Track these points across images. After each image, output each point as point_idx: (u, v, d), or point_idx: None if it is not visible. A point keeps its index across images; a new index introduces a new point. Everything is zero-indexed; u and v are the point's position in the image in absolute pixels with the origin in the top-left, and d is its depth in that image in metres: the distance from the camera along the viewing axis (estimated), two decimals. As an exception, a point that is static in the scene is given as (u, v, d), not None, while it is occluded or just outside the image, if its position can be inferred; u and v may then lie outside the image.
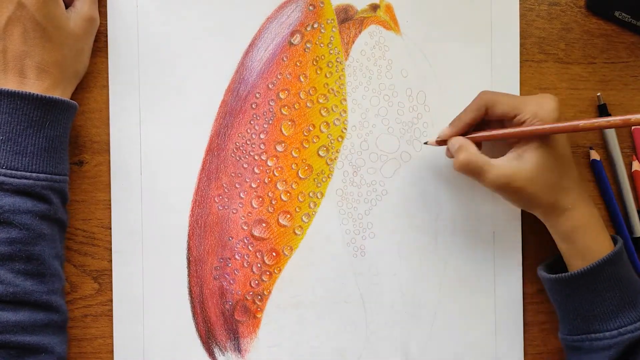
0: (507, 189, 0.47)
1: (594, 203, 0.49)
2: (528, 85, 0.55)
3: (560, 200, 0.47)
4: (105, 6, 0.51)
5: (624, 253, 0.47)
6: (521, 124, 0.47)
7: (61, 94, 0.48)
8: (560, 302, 0.49)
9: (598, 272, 0.46)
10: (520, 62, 0.54)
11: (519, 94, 0.54)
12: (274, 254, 0.52)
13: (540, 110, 0.46)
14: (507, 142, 0.49)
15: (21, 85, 0.46)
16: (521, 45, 0.54)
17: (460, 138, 0.49)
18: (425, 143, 0.52)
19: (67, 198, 0.48)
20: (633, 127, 0.55)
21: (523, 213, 0.54)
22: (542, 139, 0.46)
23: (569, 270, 0.48)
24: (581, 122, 0.45)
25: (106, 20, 0.51)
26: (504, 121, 0.49)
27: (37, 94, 0.45)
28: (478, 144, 0.49)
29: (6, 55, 0.46)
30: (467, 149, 0.47)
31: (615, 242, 0.48)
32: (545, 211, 0.48)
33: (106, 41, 0.51)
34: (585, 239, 0.47)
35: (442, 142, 0.51)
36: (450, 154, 0.50)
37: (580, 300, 0.47)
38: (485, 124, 0.50)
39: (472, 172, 0.47)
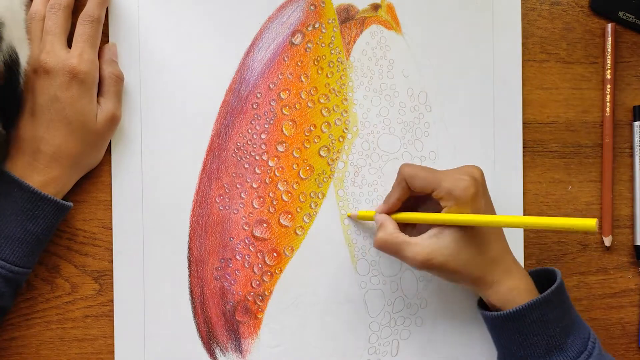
0: (429, 267, 0.46)
1: (523, 271, 0.48)
2: (530, 85, 0.54)
3: (485, 276, 0.46)
4: (107, 6, 0.51)
5: (558, 294, 0.46)
6: (439, 198, 0.46)
7: (64, 185, 0.48)
8: (493, 338, 0.50)
9: (522, 316, 0.45)
10: (522, 61, 0.54)
11: (520, 94, 0.54)
12: (275, 254, 0.52)
13: (455, 189, 0.45)
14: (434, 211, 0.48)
15: (28, 167, 0.46)
16: (523, 44, 0.54)
17: (383, 215, 0.49)
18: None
19: (20, 287, 0.48)
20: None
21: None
22: (459, 212, 0.45)
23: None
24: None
25: (107, 21, 0.51)
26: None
27: (34, 189, 0.45)
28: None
29: (26, 134, 0.46)
30: (385, 228, 0.48)
31: (543, 272, 0.48)
32: (472, 285, 0.47)
33: (107, 41, 0.51)
34: (510, 306, 0.46)
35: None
36: None
37: (509, 340, 0.47)
38: (421, 198, 0.50)
39: (390, 250, 0.47)
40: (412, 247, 0.46)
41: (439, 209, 0.46)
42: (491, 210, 0.48)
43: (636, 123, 0.55)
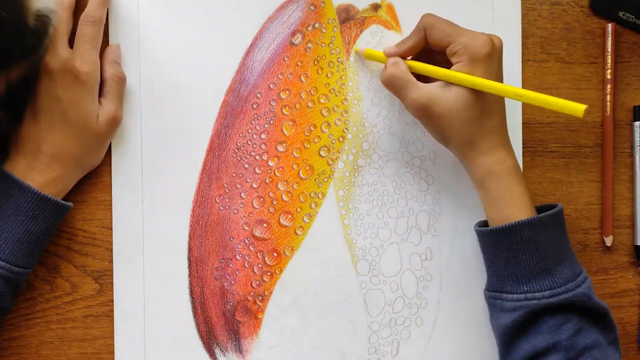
0: (425, 113, 0.46)
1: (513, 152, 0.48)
2: (530, 85, 0.54)
3: (476, 141, 0.46)
4: (107, 7, 0.51)
5: (557, 220, 0.46)
6: (453, 54, 0.46)
7: (64, 185, 0.48)
8: (484, 256, 0.49)
9: (512, 232, 0.45)
10: (522, 61, 0.54)
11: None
12: (275, 254, 0.52)
13: (472, 44, 0.45)
14: (448, 65, 0.48)
15: (29, 168, 0.46)
16: (523, 44, 0.54)
17: (397, 57, 0.49)
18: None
19: (20, 288, 0.48)
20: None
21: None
22: (471, 73, 0.45)
23: (488, 223, 0.48)
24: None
25: (108, 21, 0.51)
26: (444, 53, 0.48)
27: (36, 190, 0.45)
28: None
29: (27, 135, 0.46)
30: (397, 65, 0.48)
31: (550, 208, 0.47)
32: (460, 149, 0.47)
33: (107, 41, 0.51)
34: (498, 187, 0.46)
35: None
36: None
37: (496, 257, 0.47)
38: (434, 59, 0.49)
39: (396, 87, 0.47)
40: (418, 89, 0.46)
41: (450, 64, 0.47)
42: (500, 80, 0.47)
43: (636, 123, 0.55)
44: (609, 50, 0.54)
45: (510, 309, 0.46)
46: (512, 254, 0.45)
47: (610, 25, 0.54)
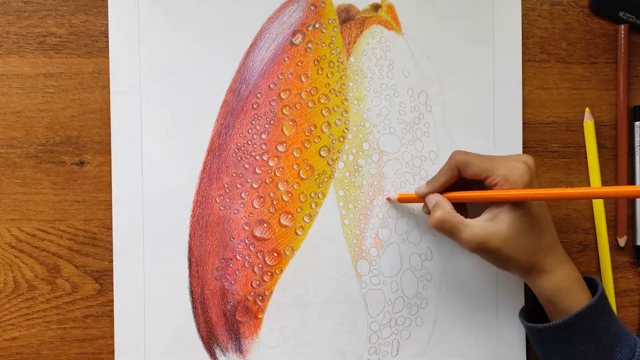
0: (483, 250, 0.46)
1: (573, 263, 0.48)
2: (530, 85, 0.54)
3: (539, 263, 0.46)
4: (107, 6, 0.51)
5: (603, 303, 0.46)
6: (493, 185, 0.46)
7: None
8: (538, 351, 0.50)
9: (571, 325, 0.45)
10: (522, 61, 0.54)
11: (520, 94, 0.54)
12: (275, 254, 0.52)
13: (511, 175, 0.45)
14: (483, 203, 0.48)
15: None
16: (523, 45, 0.54)
17: (437, 195, 0.48)
18: (388, 199, 0.53)
19: None
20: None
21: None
22: (515, 201, 0.45)
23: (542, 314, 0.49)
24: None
25: (107, 21, 0.51)
26: (481, 181, 0.48)
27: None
28: (457, 203, 0.49)
29: None
30: (443, 207, 0.47)
31: (594, 293, 0.47)
32: (524, 273, 0.47)
33: (107, 41, 0.51)
34: (567, 301, 0.46)
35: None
36: (427, 210, 0.50)
37: (556, 351, 0.47)
38: (467, 182, 0.49)
39: (447, 230, 0.47)
40: (469, 229, 0.46)
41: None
42: (545, 203, 0.48)
43: (637, 123, 0.55)
44: (623, 51, 0.54)
45: None
46: (571, 346, 0.46)
47: (622, 26, 0.54)
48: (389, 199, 0.53)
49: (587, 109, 0.54)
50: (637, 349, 0.46)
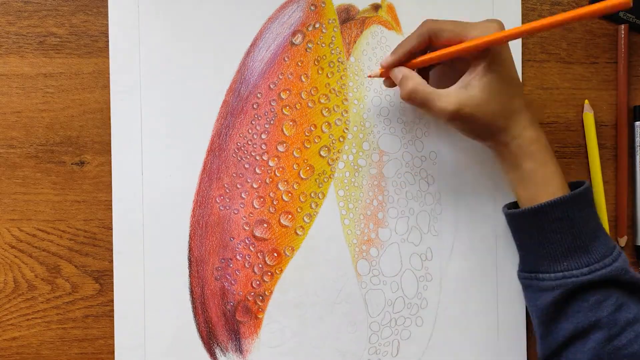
0: (457, 117, 0.45)
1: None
2: (530, 85, 0.54)
3: (509, 127, 0.46)
4: (107, 6, 0.51)
5: (587, 197, 0.46)
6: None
7: None
8: (515, 238, 0.49)
9: (545, 212, 0.45)
10: (522, 61, 0.54)
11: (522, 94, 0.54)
12: (275, 254, 0.52)
13: (486, 35, 0.44)
14: (454, 71, 0.48)
15: None
16: (523, 44, 0.54)
17: (403, 68, 0.47)
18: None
19: None
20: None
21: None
22: (488, 64, 0.45)
23: (518, 205, 0.48)
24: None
25: (107, 21, 0.51)
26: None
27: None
28: (424, 76, 0.48)
29: None
30: (412, 78, 0.46)
31: (578, 186, 0.47)
32: (495, 140, 0.47)
33: (107, 41, 0.51)
34: (533, 166, 0.46)
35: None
36: (389, 83, 0.50)
37: (530, 238, 0.47)
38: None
39: (420, 101, 0.46)
40: (443, 97, 0.45)
41: (457, 70, 0.47)
42: (513, 63, 0.47)
43: (637, 123, 0.55)
44: (623, 50, 0.54)
45: (548, 288, 0.46)
46: (547, 233, 0.45)
47: (622, 26, 0.54)
48: (370, 76, 0.51)
49: (586, 101, 0.54)
50: (616, 250, 0.46)
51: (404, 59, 0.48)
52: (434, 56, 0.47)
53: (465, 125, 0.46)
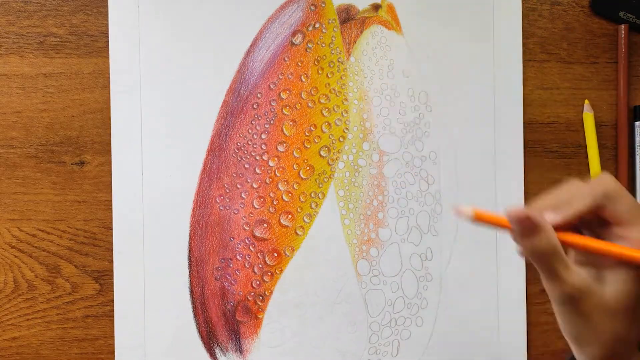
0: (571, 304, 0.34)
1: None
2: (530, 85, 0.54)
3: (625, 352, 0.35)
4: (107, 6, 0.51)
5: None
6: (628, 239, 0.34)
7: None
8: None
9: None
10: (523, 61, 0.54)
11: (521, 94, 0.54)
12: (275, 254, 0.52)
13: None
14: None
15: None
16: (523, 45, 0.54)
17: (544, 219, 0.34)
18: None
19: None
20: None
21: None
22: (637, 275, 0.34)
23: None
24: None
25: (107, 21, 0.51)
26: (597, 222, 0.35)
27: None
28: None
29: None
30: (549, 235, 0.34)
31: None
32: (594, 357, 0.35)
33: (107, 41, 0.51)
34: None
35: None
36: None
37: None
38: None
39: (546, 264, 0.34)
40: (571, 274, 0.34)
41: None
42: None
43: (637, 123, 0.55)
44: (623, 50, 0.54)
45: None
46: None
47: (622, 26, 0.54)
48: (459, 212, 0.36)
49: (586, 101, 0.54)
50: None
51: (565, 224, 0.35)
52: (578, 243, 0.35)
53: (571, 317, 0.35)
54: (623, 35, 0.54)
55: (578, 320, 0.35)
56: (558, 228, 0.34)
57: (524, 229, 0.34)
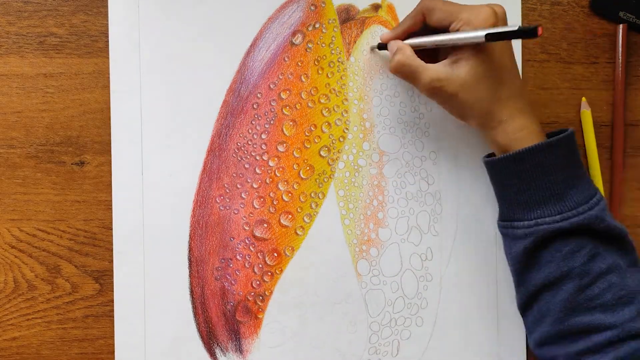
0: (440, 94, 0.46)
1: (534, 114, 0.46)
2: (530, 85, 0.54)
3: (495, 112, 0.45)
4: (107, 6, 0.51)
5: (567, 144, 0.45)
6: (456, 31, 0.45)
7: None
8: (494, 188, 0.48)
9: (522, 159, 0.44)
10: (523, 61, 0.54)
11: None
12: (275, 254, 0.52)
13: (474, 18, 0.44)
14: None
15: None
16: (523, 45, 0.54)
17: (399, 41, 0.49)
18: (372, 49, 0.53)
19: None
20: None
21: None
22: (476, 47, 0.45)
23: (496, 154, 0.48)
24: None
25: (107, 21, 0.51)
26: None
27: None
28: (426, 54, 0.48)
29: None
30: (403, 52, 0.47)
31: (560, 133, 0.46)
32: (479, 122, 0.46)
33: (107, 41, 0.51)
34: (518, 147, 0.45)
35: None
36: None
37: (507, 186, 0.46)
38: (433, 32, 0.48)
39: (407, 74, 0.47)
40: (428, 71, 0.46)
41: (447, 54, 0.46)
42: (510, 46, 0.47)
43: None
44: (620, 51, 0.54)
45: (521, 236, 0.45)
46: (523, 180, 0.45)
47: (621, 26, 0.54)
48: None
49: (583, 99, 0.54)
50: (595, 199, 0.44)
51: (401, 37, 0.49)
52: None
53: (448, 103, 0.47)
54: (621, 35, 0.54)
55: (451, 103, 0.46)
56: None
57: (389, 51, 0.49)
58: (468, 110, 0.46)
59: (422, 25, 0.48)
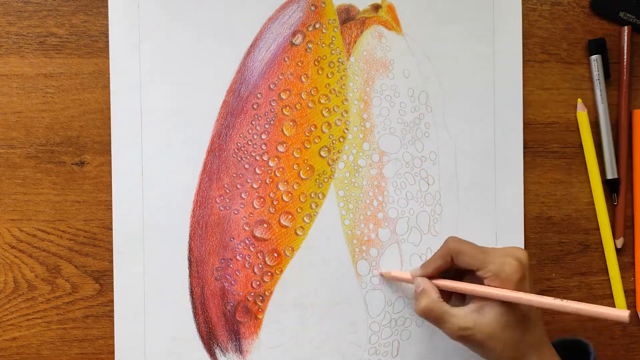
0: (467, 342, 0.45)
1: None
2: (530, 85, 0.54)
3: (522, 358, 0.45)
4: (107, 6, 0.51)
5: None
6: (484, 279, 0.45)
7: None
8: None
9: None
10: (523, 62, 0.54)
11: (521, 94, 0.54)
12: (275, 254, 0.52)
13: (502, 272, 0.44)
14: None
15: None
16: (523, 45, 0.54)
17: (425, 280, 0.48)
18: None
19: None
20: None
21: (525, 215, 0.54)
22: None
23: None
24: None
25: (107, 21, 0.51)
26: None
27: None
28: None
29: None
30: (428, 295, 0.47)
31: (573, 343, 0.47)
32: None
33: (107, 41, 0.51)
34: None
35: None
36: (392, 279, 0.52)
37: None
38: (459, 270, 0.49)
39: (433, 319, 0.46)
40: (455, 319, 0.45)
41: (480, 283, 0.46)
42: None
43: (592, 57, 0.54)
44: (625, 52, 0.54)
45: None
46: None
47: (626, 28, 0.54)
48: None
49: (579, 100, 0.54)
50: None
51: (431, 276, 0.49)
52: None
53: (474, 348, 0.46)
54: (626, 37, 0.54)
55: (477, 349, 0.46)
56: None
57: (416, 287, 0.48)
58: (495, 355, 0.45)
59: (452, 265, 0.48)
